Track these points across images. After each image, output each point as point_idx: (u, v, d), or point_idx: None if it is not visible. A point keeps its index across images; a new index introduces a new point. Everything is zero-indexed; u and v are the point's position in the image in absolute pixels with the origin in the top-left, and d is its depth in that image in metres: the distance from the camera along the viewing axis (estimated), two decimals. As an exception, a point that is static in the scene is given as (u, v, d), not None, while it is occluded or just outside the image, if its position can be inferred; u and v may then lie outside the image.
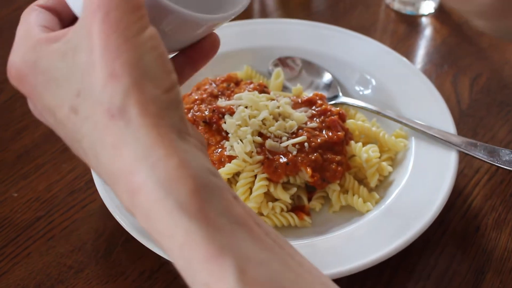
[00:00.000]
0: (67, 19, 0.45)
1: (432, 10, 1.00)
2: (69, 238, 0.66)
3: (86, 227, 0.67)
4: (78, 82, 0.37)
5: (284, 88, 0.79)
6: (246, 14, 1.01)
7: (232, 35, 0.83)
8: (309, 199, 0.67)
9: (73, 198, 0.70)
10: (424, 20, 0.99)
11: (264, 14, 1.03)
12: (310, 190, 0.67)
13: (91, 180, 0.71)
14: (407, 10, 1.00)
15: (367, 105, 0.73)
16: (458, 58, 0.91)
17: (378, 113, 0.72)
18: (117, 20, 0.35)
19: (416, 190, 0.63)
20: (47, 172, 0.73)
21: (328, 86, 0.78)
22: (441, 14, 1.00)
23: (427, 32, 0.97)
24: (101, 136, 0.35)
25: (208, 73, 0.78)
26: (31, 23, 0.42)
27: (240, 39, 0.83)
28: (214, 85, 0.73)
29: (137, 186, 0.34)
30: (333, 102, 0.76)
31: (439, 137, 0.67)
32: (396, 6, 1.00)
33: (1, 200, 0.70)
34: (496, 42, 0.94)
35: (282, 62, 0.81)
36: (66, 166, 0.74)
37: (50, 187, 0.71)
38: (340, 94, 0.77)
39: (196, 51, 0.47)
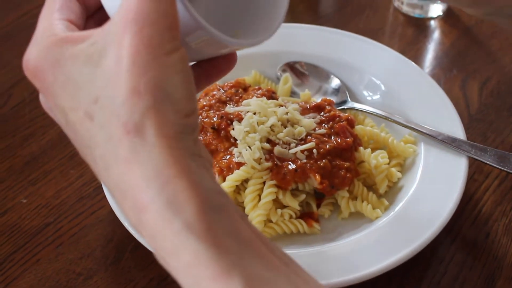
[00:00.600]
0: (92, 7, 0.44)
1: (440, 13, 0.99)
2: (78, 245, 0.66)
3: (95, 233, 0.67)
4: (99, 89, 0.36)
5: (292, 94, 0.79)
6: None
7: (240, 40, 0.83)
8: (318, 206, 0.66)
9: (82, 204, 0.70)
10: (433, 23, 0.99)
11: (271, 18, 1.02)
12: (319, 196, 0.67)
13: (100, 187, 0.71)
14: (416, 13, 0.99)
15: (375, 111, 0.73)
16: (467, 62, 0.90)
17: (386, 118, 0.72)
18: (151, 36, 0.35)
19: (425, 196, 0.63)
20: (56, 178, 0.73)
21: (337, 91, 0.78)
22: (450, 17, 0.99)
23: (436, 35, 0.97)
24: (114, 149, 0.35)
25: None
26: (55, 17, 0.40)
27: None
28: (222, 91, 0.73)
29: (145, 204, 0.34)
30: (341, 107, 0.75)
31: (448, 142, 0.66)
32: (405, 9, 1.00)
33: (10, 207, 0.70)
34: (506, 45, 0.93)
35: (290, 67, 0.81)
36: (74, 172, 0.74)
37: (59, 193, 0.71)
38: (349, 99, 0.77)
39: (213, 66, 0.46)
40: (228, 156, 0.65)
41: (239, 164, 0.64)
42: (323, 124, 0.68)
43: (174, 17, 0.36)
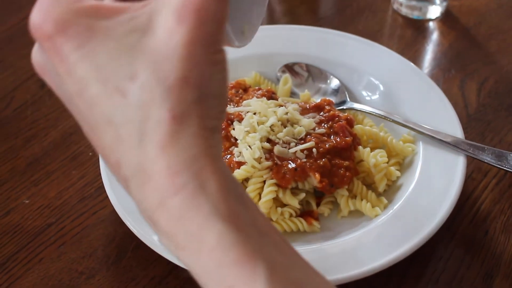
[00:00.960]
0: None
1: (439, 15, 1.00)
2: (80, 244, 0.66)
3: (96, 233, 0.67)
4: (138, 68, 0.35)
5: (292, 94, 0.80)
6: (254, 21, 1.01)
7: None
8: (318, 204, 0.67)
9: (84, 204, 0.71)
10: (431, 24, 0.99)
11: (271, 20, 1.03)
12: (318, 195, 0.67)
13: (102, 187, 0.71)
14: (414, 14, 1.00)
15: (374, 110, 0.74)
16: (465, 63, 0.91)
17: (385, 118, 0.72)
18: (208, 33, 0.35)
19: (424, 194, 0.64)
20: (58, 179, 0.74)
21: (336, 91, 0.79)
22: (448, 18, 1.00)
23: (434, 36, 0.97)
24: (150, 130, 0.35)
25: None
26: None
27: (248, 45, 0.83)
28: None
29: (175, 188, 0.34)
30: (341, 107, 0.76)
31: (446, 141, 0.67)
32: (403, 11, 1.01)
33: (12, 207, 0.71)
34: (503, 46, 0.94)
35: (290, 68, 0.82)
36: (76, 173, 0.74)
37: (61, 194, 0.72)
38: (348, 99, 0.77)
39: None
40: (228, 156, 0.66)
41: (240, 164, 0.64)
42: (323, 124, 0.68)
43: (226, 17, 0.36)
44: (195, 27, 0.35)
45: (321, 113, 0.70)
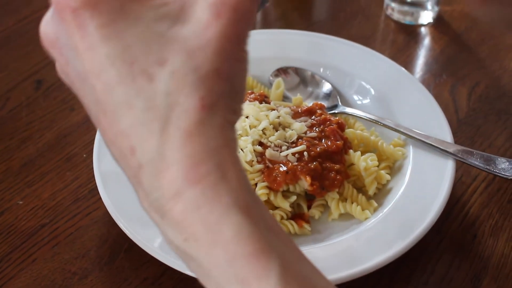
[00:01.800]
0: None
1: (430, 20, 1.01)
2: (74, 245, 0.67)
3: (90, 234, 0.68)
4: (169, 54, 0.34)
5: (285, 98, 0.80)
6: (248, 24, 1.02)
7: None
8: (309, 207, 0.68)
9: (77, 206, 0.71)
10: (423, 30, 1.00)
11: (265, 24, 1.04)
12: (309, 198, 0.68)
13: (95, 188, 0.72)
14: (406, 20, 1.01)
15: (365, 115, 0.74)
16: (456, 68, 0.92)
17: (376, 122, 0.73)
18: (241, 31, 0.36)
19: (413, 198, 0.64)
20: (52, 180, 0.74)
21: (328, 95, 0.79)
22: (440, 24, 1.01)
23: (426, 41, 0.98)
24: (177, 116, 0.34)
25: None
26: None
27: None
28: None
29: (199, 175, 0.34)
30: (332, 111, 0.77)
31: (436, 145, 0.68)
32: (396, 16, 1.02)
33: (6, 208, 0.71)
34: (494, 51, 0.95)
35: (283, 72, 0.82)
36: (70, 174, 0.75)
37: (55, 195, 0.73)
38: (340, 103, 0.78)
39: None
40: None
41: None
42: (314, 128, 0.69)
43: (255, 18, 0.38)
44: (231, 24, 0.35)
45: (313, 117, 0.71)
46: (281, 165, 0.65)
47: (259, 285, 0.33)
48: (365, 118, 0.74)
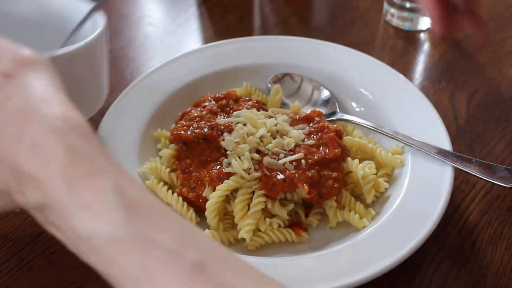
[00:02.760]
0: None
1: (429, 26, 1.01)
2: (70, 254, 0.66)
3: (86, 242, 0.68)
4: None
5: (283, 105, 0.80)
6: (246, 31, 1.02)
7: (232, 52, 0.84)
8: (306, 215, 0.67)
9: (74, 213, 0.71)
10: (422, 35, 1.00)
11: (264, 29, 1.04)
12: (307, 206, 0.68)
13: (92, 196, 0.72)
14: (406, 26, 1.01)
15: (364, 122, 0.74)
16: (455, 74, 0.92)
17: (375, 129, 0.73)
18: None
19: (412, 206, 0.64)
20: (49, 187, 0.74)
21: (326, 102, 0.79)
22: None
23: (425, 47, 0.98)
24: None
25: (208, 90, 0.80)
26: None
27: (240, 56, 0.84)
28: (213, 102, 0.74)
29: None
30: (331, 118, 0.77)
31: (434, 153, 0.68)
32: (395, 22, 1.02)
33: (3, 216, 0.71)
34: (494, 58, 0.95)
35: (281, 79, 0.82)
36: (67, 181, 0.75)
37: (52, 202, 0.72)
38: (338, 110, 0.78)
39: None
40: (218, 167, 0.67)
41: (229, 174, 0.65)
42: (312, 135, 0.69)
43: None
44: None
45: (311, 124, 0.71)
46: (279, 173, 0.65)
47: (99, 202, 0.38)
48: (363, 125, 0.74)
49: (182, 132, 0.69)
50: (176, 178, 0.69)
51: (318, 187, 0.65)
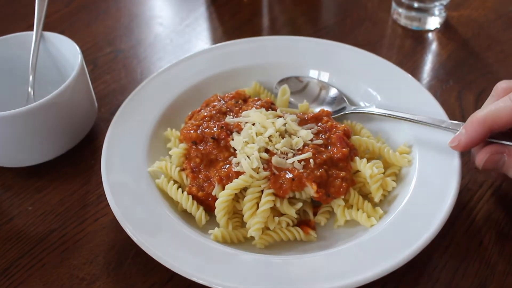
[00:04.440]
0: None
1: (438, 26, 1.01)
2: (82, 251, 0.68)
3: (98, 240, 0.69)
4: None
5: (291, 104, 0.81)
6: (255, 31, 1.03)
7: (241, 52, 0.85)
8: (315, 214, 0.68)
9: (86, 211, 0.72)
10: (430, 35, 1.00)
11: (272, 29, 1.05)
12: (315, 204, 0.69)
13: (103, 195, 0.73)
14: (414, 25, 1.01)
15: (377, 110, 0.75)
16: (463, 73, 0.92)
17: (389, 116, 0.73)
18: None
19: (419, 205, 0.65)
20: (60, 186, 0.75)
21: (334, 99, 0.80)
22: (447, 29, 1.01)
23: (433, 47, 0.99)
24: None
25: (217, 90, 0.81)
26: None
27: (249, 55, 0.85)
28: (222, 102, 0.75)
29: None
30: (342, 113, 0.77)
31: (452, 128, 0.68)
32: (403, 21, 1.02)
33: (16, 213, 0.72)
34: (501, 57, 0.95)
35: (287, 80, 0.83)
36: (78, 180, 0.76)
37: (63, 200, 0.73)
38: (348, 104, 0.78)
39: None
40: (227, 166, 0.67)
41: (238, 173, 0.66)
42: (320, 135, 0.70)
43: None
44: None
45: (319, 124, 0.71)
46: (287, 172, 0.65)
47: None
48: (377, 113, 0.74)
49: (191, 131, 0.70)
50: (186, 176, 0.70)
51: (326, 186, 0.65)
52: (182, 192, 0.68)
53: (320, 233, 0.67)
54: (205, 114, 0.73)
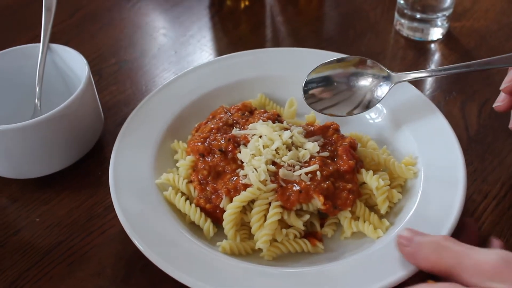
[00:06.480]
0: None
1: (440, 36, 1.02)
2: (89, 263, 0.68)
3: (105, 252, 0.69)
4: None
5: (301, 116, 0.81)
6: (259, 42, 1.04)
7: (245, 64, 0.86)
8: (321, 225, 0.68)
9: (93, 223, 0.72)
10: (433, 46, 1.01)
11: (276, 40, 1.05)
12: (322, 216, 0.69)
13: (110, 206, 0.73)
14: (416, 36, 1.02)
15: (421, 74, 0.76)
16: (466, 84, 0.92)
17: (445, 70, 0.75)
18: None
19: (425, 216, 0.65)
20: (67, 198, 0.76)
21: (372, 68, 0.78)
22: (450, 40, 1.02)
23: (436, 58, 0.99)
24: None
25: (222, 101, 0.81)
26: None
27: (254, 67, 0.86)
28: (229, 114, 0.76)
29: None
30: (389, 85, 0.75)
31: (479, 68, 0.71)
32: (405, 32, 1.03)
33: (23, 225, 0.72)
34: (505, 68, 0.95)
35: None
36: (85, 192, 0.76)
37: (71, 212, 0.74)
38: (391, 73, 0.77)
39: None
40: (235, 178, 0.68)
41: (246, 186, 0.66)
42: (327, 147, 0.70)
43: None
44: None
45: (326, 136, 0.72)
46: (294, 184, 0.66)
47: None
48: (426, 76, 0.76)
49: (199, 144, 0.71)
50: (193, 189, 0.70)
51: (333, 198, 0.66)
52: (190, 204, 0.69)
53: (327, 245, 0.68)
54: (212, 126, 0.73)
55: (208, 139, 0.71)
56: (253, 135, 0.70)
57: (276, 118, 0.74)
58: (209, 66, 0.86)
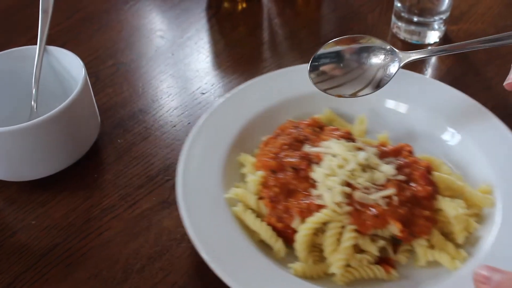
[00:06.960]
0: None
1: (437, 39, 1.02)
2: (86, 265, 0.68)
3: (102, 254, 0.69)
4: None
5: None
6: (256, 44, 1.03)
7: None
8: (394, 251, 0.66)
9: (89, 226, 0.72)
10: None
11: (272, 43, 1.05)
12: (395, 242, 0.66)
13: (107, 208, 0.73)
14: (413, 39, 1.02)
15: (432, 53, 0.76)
16: (463, 88, 0.92)
17: (470, 44, 0.76)
18: None
19: (506, 248, 0.62)
20: (64, 200, 0.75)
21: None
22: (446, 43, 1.02)
23: (433, 61, 0.99)
24: None
25: (289, 115, 0.79)
26: None
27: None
28: (299, 128, 0.73)
29: None
30: (397, 66, 0.74)
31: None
32: (402, 35, 1.03)
33: (19, 227, 0.72)
34: (501, 71, 0.95)
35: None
36: (82, 194, 0.76)
37: (67, 214, 0.74)
38: (397, 51, 0.75)
39: None
40: (307, 198, 0.65)
41: (319, 206, 0.63)
42: (402, 170, 0.67)
43: None
44: None
45: (399, 158, 0.69)
46: (370, 208, 0.63)
47: None
48: (436, 54, 0.77)
49: (270, 159, 0.68)
50: (264, 206, 0.68)
51: (409, 225, 0.63)
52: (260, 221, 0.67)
53: (400, 272, 0.65)
54: (282, 141, 0.71)
55: (279, 155, 0.69)
56: (326, 153, 0.68)
57: (349, 137, 0.71)
58: (272, 78, 0.84)
